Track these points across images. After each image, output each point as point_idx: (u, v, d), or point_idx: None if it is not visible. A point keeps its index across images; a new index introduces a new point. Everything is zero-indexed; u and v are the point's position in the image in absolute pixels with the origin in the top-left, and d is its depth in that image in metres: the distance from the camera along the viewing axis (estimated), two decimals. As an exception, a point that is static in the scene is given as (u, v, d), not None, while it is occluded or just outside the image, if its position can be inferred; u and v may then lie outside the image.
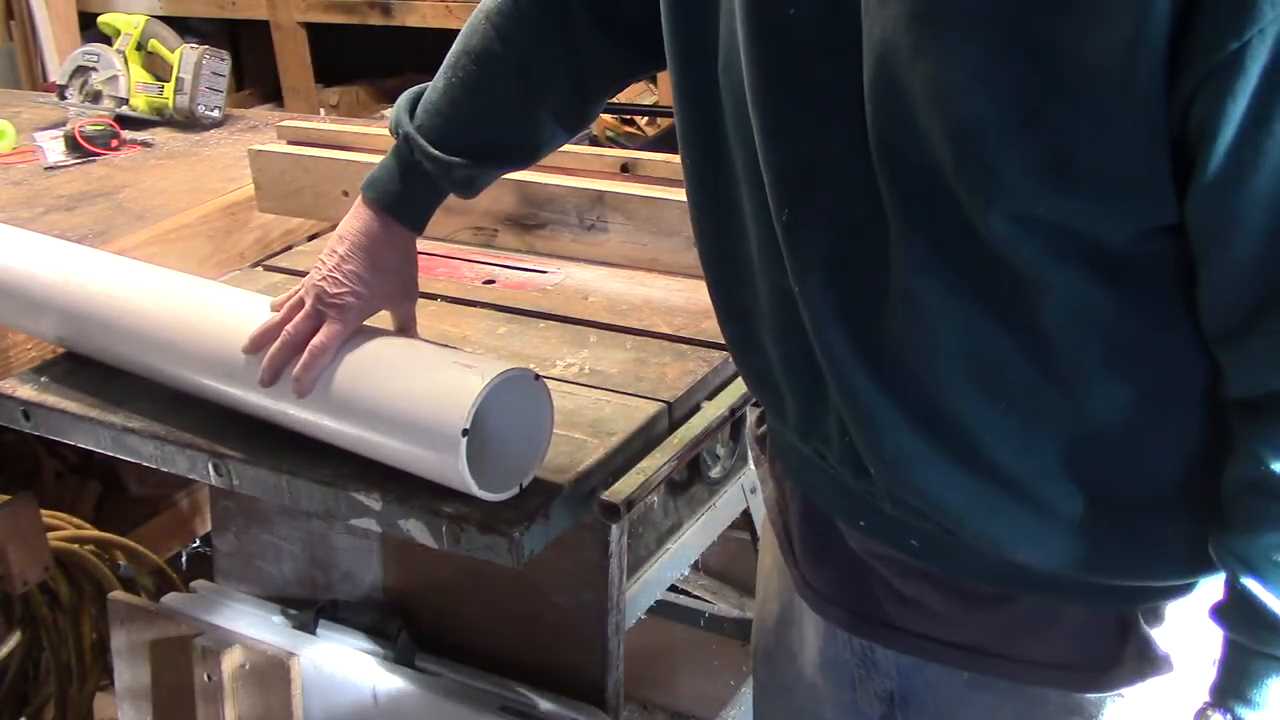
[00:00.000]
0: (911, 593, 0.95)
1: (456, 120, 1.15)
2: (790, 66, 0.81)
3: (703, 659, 2.19)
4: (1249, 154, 0.66)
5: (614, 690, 1.31)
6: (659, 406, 1.27)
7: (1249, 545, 0.78)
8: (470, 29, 1.16)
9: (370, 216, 1.16)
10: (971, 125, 0.70)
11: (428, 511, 1.11)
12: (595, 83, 1.17)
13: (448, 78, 1.16)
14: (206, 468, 1.23)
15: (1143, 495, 0.83)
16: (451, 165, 1.14)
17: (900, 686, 1.01)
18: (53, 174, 2.18)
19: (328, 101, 3.67)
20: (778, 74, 0.82)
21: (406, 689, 1.30)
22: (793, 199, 0.85)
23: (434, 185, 1.17)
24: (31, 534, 1.70)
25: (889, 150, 0.76)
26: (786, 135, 0.83)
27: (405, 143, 1.15)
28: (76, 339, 1.37)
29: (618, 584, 1.28)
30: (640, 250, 1.56)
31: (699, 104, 0.91)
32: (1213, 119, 0.66)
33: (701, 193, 0.95)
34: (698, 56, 0.89)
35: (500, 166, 1.20)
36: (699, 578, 2.18)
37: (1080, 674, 0.90)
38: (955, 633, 0.94)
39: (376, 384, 1.11)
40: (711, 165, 0.92)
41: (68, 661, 1.87)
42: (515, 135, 1.18)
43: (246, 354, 1.17)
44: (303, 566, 1.48)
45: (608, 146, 2.72)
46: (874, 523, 0.92)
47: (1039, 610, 0.90)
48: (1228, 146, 0.66)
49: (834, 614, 1.03)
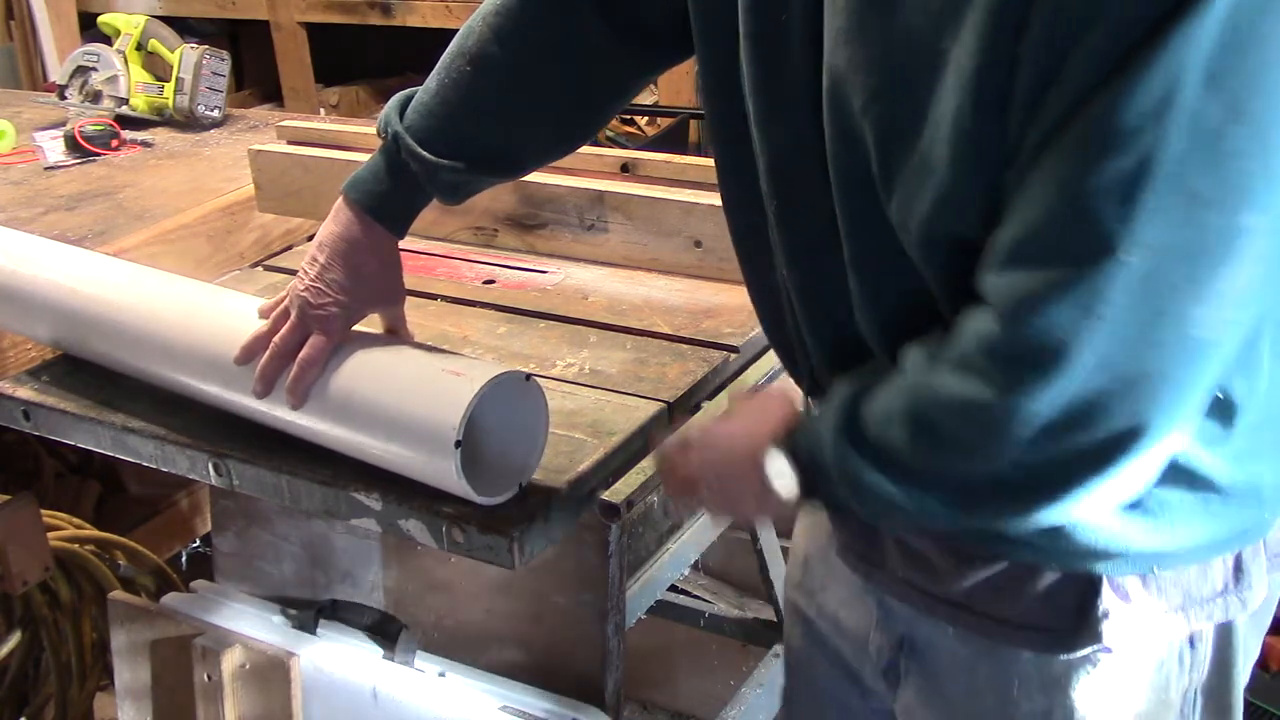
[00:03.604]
0: (918, 546, 0.98)
1: (447, 121, 1.12)
2: (781, 66, 0.88)
3: (703, 659, 2.19)
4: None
5: (614, 690, 1.31)
6: (659, 406, 1.27)
7: (892, 388, 0.84)
8: (467, 30, 1.14)
9: (350, 219, 1.14)
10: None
11: (428, 511, 1.11)
12: (599, 89, 1.16)
13: (440, 79, 1.14)
14: (206, 468, 1.23)
15: None
16: (439, 168, 1.11)
17: (907, 635, 1.06)
18: (53, 174, 2.18)
19: (328, 101, 3.67)
20: (771, 73, 0.89)
21: (406, 689, 1.30)
22: (778, 189, 0.92)
23: (419, 188, 1.14)
24: (31, 534, 1.70)
25: (835, 151, 0.84)
26: (774, 130, 0.91)
27: (393, 141, 1.13)
28: (71, 344, 1.37)
29: (618, 584, 1.28)
30: (640, 250, 1.56)
31: (726, 97, 0.96)
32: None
33: (725, 174, 1.02)
34: (723, 53, 0.94)
35: (490, 174, 1.17)
36: (699, 578, 2.18)
37: (1046, 634, 0.93)
38: (950, 589, 0.97)
39: (369, 395, 1.11)
40: (734, 152, 0.98)
41: (68, 661, 1.87)
42: (508, 142, 1.15)
43: (239, 364, 1.16)
44: (303, 566, 1.48)
45: (608, 146, 2.72)
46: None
47: (1016, 572, 0.93)
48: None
49: (851, 560, 1.07)
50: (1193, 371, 0.73)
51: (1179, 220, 0.69)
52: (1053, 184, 0.71)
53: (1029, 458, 0.77)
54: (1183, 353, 0.72)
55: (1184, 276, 0.70)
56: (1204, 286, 0.70)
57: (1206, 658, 0.96)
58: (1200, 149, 0.68)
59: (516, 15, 1.11)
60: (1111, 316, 0.71)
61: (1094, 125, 0.69)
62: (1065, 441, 0.76)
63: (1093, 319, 0.71)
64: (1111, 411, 0.74)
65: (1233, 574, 0.93)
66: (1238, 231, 0.70)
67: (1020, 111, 0.72)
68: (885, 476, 0.84)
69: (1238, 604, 0.93)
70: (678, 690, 2.29)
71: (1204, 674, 0.97)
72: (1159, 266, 0.70)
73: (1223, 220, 0.69)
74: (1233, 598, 0.93)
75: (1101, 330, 0.71)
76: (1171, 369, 0.73)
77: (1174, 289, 0.71)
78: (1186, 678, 0.96)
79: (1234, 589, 0.93)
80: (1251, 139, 0.68)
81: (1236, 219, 0.69)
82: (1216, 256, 0.70)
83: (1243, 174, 0.69)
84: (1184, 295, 0.71)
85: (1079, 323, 0.71)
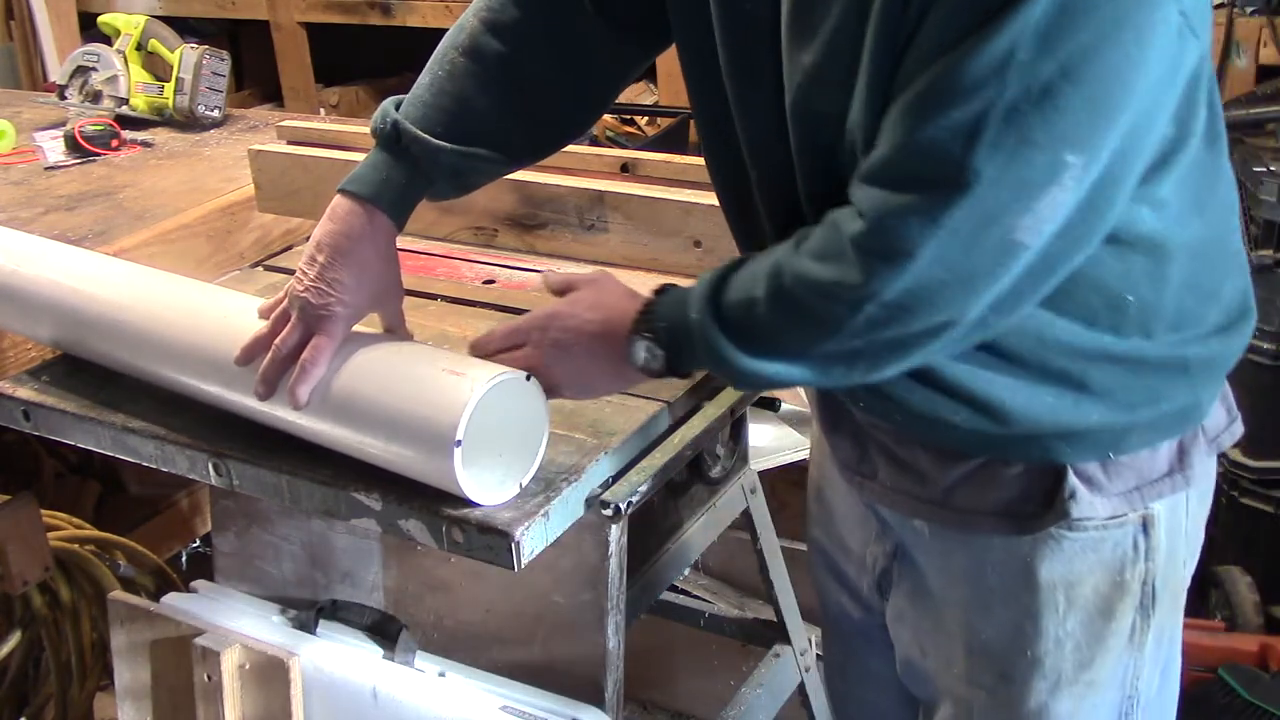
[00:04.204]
0: (903, 455, 1.12)
1: (444, 110, 1.15)
2: (750, 49, 1.01)
3: (703, 659, 2.19)
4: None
5: (614, 690, 1.31)
6: (659, 406, 1.27)
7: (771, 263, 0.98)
8: (458, 28, 1.18)
9: (349, 212, 1.15)
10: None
11: (428, 511, 1.11)
12: (591, 76, 1.19)
13: (434, 73, 1.17)
14: (206, 468, 1.23)
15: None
16: (440, 150, 1.14)
17: (899, 543, 1.20)
18: (53, 174, 2.18)
19: (328, 101, 3.68)
20: (741, 56, 1.02)
21: (406, 689, 1.30)
22: (756, 161, 1.06)
23: (420, 173, 1.16)
24: (31, 534, 1.70)
25: (798, 128, 0.99)
26: (748, 109, 1.04)
27: (393, 129, 1.15)
28: (71, 344, 1.37)
29: (618, 584, 1.28)
30: (640, 250, 1.56)
31: (705, 78, 1.08)
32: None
33: (712, 140, 1.13)
34: (701, 39, 1.06)
35: (489, 160, 1.19)
36: (699, 578, 2.18)
37: (1014, 519, 1.08)
38: (933, 490, 1.11)
39: (370, 396, 1.11)
40: (716, 132, 1.10)
41: (68, 661, 1.87)
42: (505, 128, 1.17)
43: (239, 365, 1.16)
44: (303, 566, 1.48)
45: (608, 146, 2.72)
46: (869, 403, 1.10)
47: (991, 468, 1.07)
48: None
49: (847, 475, 1.21)
50: (1011, 267, 0.90)
51: (1010, 158, 0.85)
52: (911, 120, 0.87)
53: (876, 332, 0.93)
54: (1005, 254, 0.89)
55: (1012, 198, 0.86)
56: (1027, 206, 0.86)
57: (1160, 546, 1.09)
58: (1032, 101, 0.83)
59: (508, 7, 1.15)
60: (951, 227, 0.87)
61: (947, 74, 0.84)
62: (905, 319, 0.92)
63: (936, 228, 0.87)
64: (944, 297, 0.90)
65: (1177, 457, 1.08)
66: (1061, 167, 0.85)
67: (899, 50, 0.88)
68: (750, 352, 0.99)
69: (1182, 481, 1.08)
70: (678, 690, 2.29)
71: (1158, 563, 1.09)
72: (992, 191, 0.85)
73: (1047, 158, 0.85)
74: (1178, 476, 1.08)
75: (941, 236, 0.87)
76: (994, 267, 0.89)
77: (1004, 208, 0.86)
78: (1143, 564, 1.09)
79: (1179, 470, 1.08)
80: (1077, 95, 0.83)
81: (1059, 157, 0.85)
82: (1040, 185, 0.86)
83: (1067, 124, 0.84)
84: (1011, 212, 0.87)
85: (925, 230, 0.87)
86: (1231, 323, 1.08)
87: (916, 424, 1.07)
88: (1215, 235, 1.05)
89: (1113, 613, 1.09)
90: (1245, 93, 2.33)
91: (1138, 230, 0.98)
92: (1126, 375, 1.03)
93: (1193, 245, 1.02)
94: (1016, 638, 1.11)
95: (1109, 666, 1.11)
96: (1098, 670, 1.11)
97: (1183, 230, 1.00)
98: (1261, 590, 2.05)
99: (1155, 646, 1.13)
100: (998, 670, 1.13)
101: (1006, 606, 1.11)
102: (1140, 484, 1.07)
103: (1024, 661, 1.11)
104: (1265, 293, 2.03)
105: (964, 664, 1.16)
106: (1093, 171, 0.87)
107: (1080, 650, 1.10)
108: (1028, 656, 1.11)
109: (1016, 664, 1.12)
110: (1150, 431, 1.06)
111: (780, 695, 1.69)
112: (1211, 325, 1.06)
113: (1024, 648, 1.11)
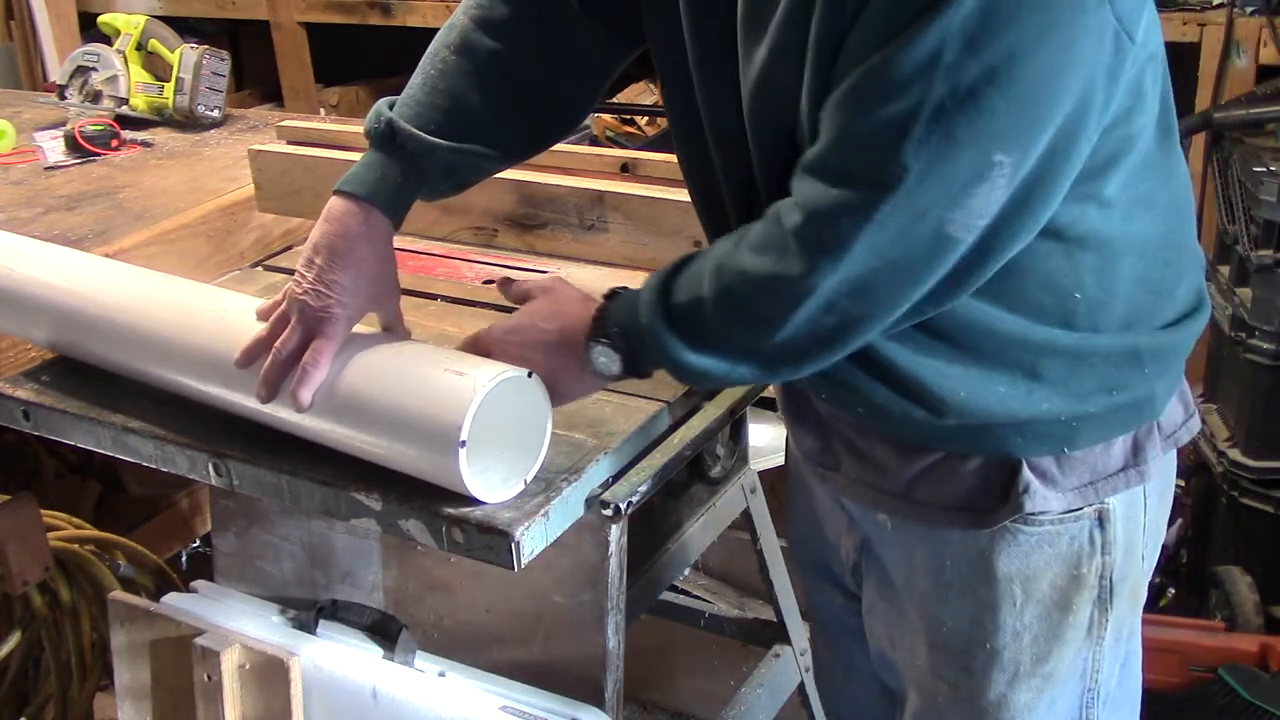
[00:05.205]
0: (865, 447, 1.14)
1: (438, 109, 1.16)
2: (713, 43, 1.04)
3: (703, 659, 2.19)
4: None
5: (614, 690, 1.31)
6: (659, 406, 1.27)
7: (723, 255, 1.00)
8: (448, 28, 1.19)
9: (345, 212, 1.15)
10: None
11: (428, 511, 1.11)
12: (578, 71, 1.21)
13: (426, 72, 1.18)
14: (206, 468, 1.23)
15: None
16: (435, 147, 1.15)
17: (865, 535, 1.21)
18: (53, 174, 2.18)
19: (328, 101, 3.68)
20: (705, 50, 1.05)
21: (406, 689, 1.30)
22: (720, 154, 1.09)
23: (415, 170, 1.16)
24: (31, 534, 1.70)
25: (753, 121, 1.02)
26: (712, 103, 1.07)
27: (387, 128, 1.15)
28: (69, 347, 1.37)
29: (618, 584, 1.28)
30: (640, 250, 1.56)
31: (675, 71, 1.10)
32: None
33: (682, 135, 1.15)
34: (672, 35, 1.08)
35: (483, 157, 1.19)
36: (699, 578, 2.18)
37: (971, 513, 1.09)
38: (893, 483, 1.13)
39: (373, 396, 1.11)
40: (685, 125, 1.13)
41: (68, 661, 1.87)
42: (498, 122, 1.18)
43: (239, 367, 1.16)
44: (303, 566, 1.48)
45: (608, 146, 2.72)
46: (831, 395, 1.12)
47: (949, 462, 1.09)
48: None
49: (810, 466, 1.23)
50: (945, 259, 0.92)
51: (938, 155, 0.87)
52: (844, 115, 0.90)
53: (818, 322, 0.95)
54: (937, 247, 0.91)
55: (941, 193, 0.88)
56: (957, 201, 0.89)
57: (1117, 540, 1.10)
58: (958, 102, 0.85)
59: (498, 5, 1.17)
60: (881, 220, 0.89)
61: (875, 75, 0.87)
62: (843, 307, 0.94)
63: (867, 222, 0.90)
64: (879, 288, 0.94)
65: (1132, 452, 1.09)
66: (990, 165, 0.88)
67: (838, 45, 0.91)
68: (701, 351, 1.01)
69: (1137, 476, 1.10)
70: (678, 690, 2.29)
71: (1115, 558, 1.11)
72: (920, 187, 0.88)
73: (974, 156, 0.87)
74: (1133, 471, 1.09)
75: (872, 230, 0.90)
76: (928, 259, 0.92)
77: (933, 203, 0.89)
78: (1099, 559, 1.10)
79: (1134, 464, 1.09)
80: (1003, 98, 0.85)
81: (988, 156, 0.87)
82: (969, 182, 0.88)
83: (995, 125, 0.86)
84: (941, 206, 0.89)
85: (857, 223, 0.90)
86: (1183, 316, 1.09)
87: (875, 415, 1.08)
88: (1167, 232, 1.06)
89: (1070, 606, 1.11)
90: (1245, 93, 2.33)
91: (1084, 228, 0.99)
92: (1078, 365, 1.04)
93: (1143, 242, 1.03)
94: (975, 630, 1.13)
95: (1067, 660, 1.13)
96: (1056, 663, 1.13)
97: (1131, 228, 1.02)
98: (1261, 590, 2.05)
99: (1114, 640, 1.14)
100: (959, 663, 1.15)
101: (965, 599, 1.13)
102: (1095, 479, 1.08)
103: (983, 654, 1.13)
104: (1265, 293, 2.03)
105: (927, 656, 1.17)
106: (1024, 169, 0.89)
107: (1038, 643, 1.12)
108: (986, 649, 1.13)
109: (976, 656, 1.14)
110: (1104, 425, 1.07)
111: (780, 695, 1.69)
112: (1164, 321, 1.08)
113: (983, 640, 1.13)
